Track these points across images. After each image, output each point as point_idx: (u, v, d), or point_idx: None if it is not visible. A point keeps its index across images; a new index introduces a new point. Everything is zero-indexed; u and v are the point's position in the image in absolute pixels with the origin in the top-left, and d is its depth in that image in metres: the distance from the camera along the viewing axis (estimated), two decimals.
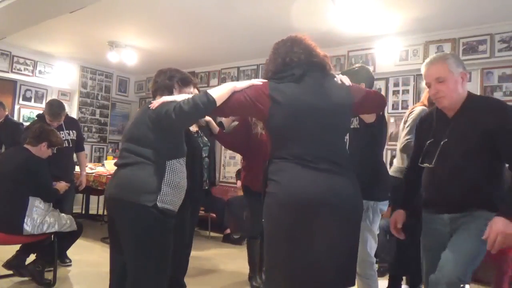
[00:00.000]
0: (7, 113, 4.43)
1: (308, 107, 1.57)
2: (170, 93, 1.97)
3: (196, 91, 2.35)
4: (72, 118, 4.04)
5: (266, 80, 1.64)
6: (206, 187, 2.98)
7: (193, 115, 1.71)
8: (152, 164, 1.81)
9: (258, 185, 3.12)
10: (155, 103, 1.83)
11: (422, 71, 1.81)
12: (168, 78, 2.01)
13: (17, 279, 3.07)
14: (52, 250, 3.04)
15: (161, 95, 1.94)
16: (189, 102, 1.65)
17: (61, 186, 3.26)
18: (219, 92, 1.62)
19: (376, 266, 2.29)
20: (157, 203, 1.78)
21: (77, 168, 4.01)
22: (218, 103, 1.62)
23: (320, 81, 1.64)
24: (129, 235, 1.81)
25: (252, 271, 3.25)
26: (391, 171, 2.95)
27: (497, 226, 1.52)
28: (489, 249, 1.55)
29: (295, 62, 1.62)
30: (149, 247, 1.79)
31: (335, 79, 1.71)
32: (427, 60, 1.81)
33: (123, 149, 1.92)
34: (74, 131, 3.75)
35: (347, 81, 1.73)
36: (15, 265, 3.02)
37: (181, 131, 1.95)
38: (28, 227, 2.83)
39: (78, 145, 3.84)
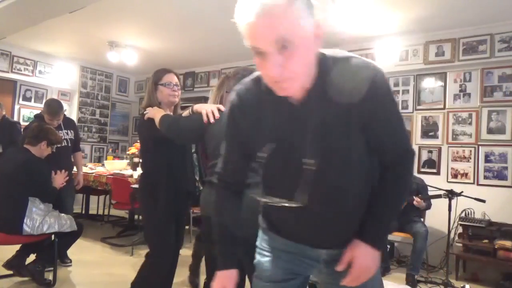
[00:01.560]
0: (4, 113, 4.44)
1: None
2: None
3: None
4: (70, 119, 4.04)
5: None
6: (201, 188, 2.94)
7: None
8: None
9: None
10: None
11: (244, 23, 0.93)
12: None
13: (17, 279, 3.07)
14: (52, 250, 3.04)
15: None
16: None
17: (58, 181, 3.15)
18: None
19: None
20: None
21: (74, 169, 4.00)
22: None
23: None
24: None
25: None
26: None
27: (365, 260, 1.05)
28: (344, 284, 1.07)
29: None
30: None
31: None
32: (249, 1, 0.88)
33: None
34: (72, 131, 3.75)
35: None
36: (15, 265, 3.02)
37: None
38: (28, 227, 2.83)
39: (75, 145, 3.83)
